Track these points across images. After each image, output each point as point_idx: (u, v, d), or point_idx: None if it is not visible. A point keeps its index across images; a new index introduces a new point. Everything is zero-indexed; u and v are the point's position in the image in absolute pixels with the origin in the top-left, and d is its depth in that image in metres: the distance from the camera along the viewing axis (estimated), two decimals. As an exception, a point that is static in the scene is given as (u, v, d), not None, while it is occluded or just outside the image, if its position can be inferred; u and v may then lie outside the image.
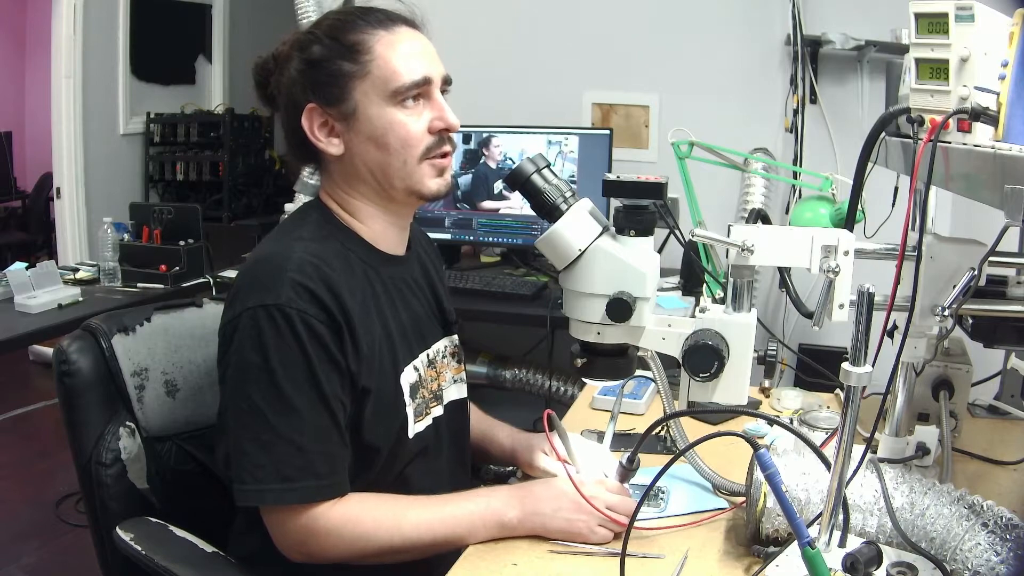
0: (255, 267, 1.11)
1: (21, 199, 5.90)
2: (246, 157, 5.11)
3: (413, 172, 1.13)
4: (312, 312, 1.04)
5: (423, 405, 1.20)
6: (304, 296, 1.04)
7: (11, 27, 6.10)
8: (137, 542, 1.14)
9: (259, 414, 1.03)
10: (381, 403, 1.12)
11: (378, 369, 1.12)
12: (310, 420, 1.04)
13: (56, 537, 2.74)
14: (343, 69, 1.10)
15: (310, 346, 1.03)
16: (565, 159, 2.80)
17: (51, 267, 2.74)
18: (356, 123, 1.11)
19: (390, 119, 1.10)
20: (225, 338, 1.09)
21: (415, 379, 1.18)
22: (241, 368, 1.05)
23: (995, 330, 1.20)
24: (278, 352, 1.03)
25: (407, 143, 1.12)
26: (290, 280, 1.04)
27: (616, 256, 1.04)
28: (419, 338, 1.22)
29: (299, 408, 1.03)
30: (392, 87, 1.10)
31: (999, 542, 0.95)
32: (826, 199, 1.70)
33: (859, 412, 0.93)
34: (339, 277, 1.08)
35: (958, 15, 0.94)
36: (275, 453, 1.03)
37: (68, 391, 1.25)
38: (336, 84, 1.10)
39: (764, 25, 2.87)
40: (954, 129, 0.97)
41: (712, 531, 1.16)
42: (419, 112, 1.12)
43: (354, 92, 1.10)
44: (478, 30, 3.11)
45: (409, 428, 1.16)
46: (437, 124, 1.14)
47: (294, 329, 1.03)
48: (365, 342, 1.09)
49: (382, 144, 1.11)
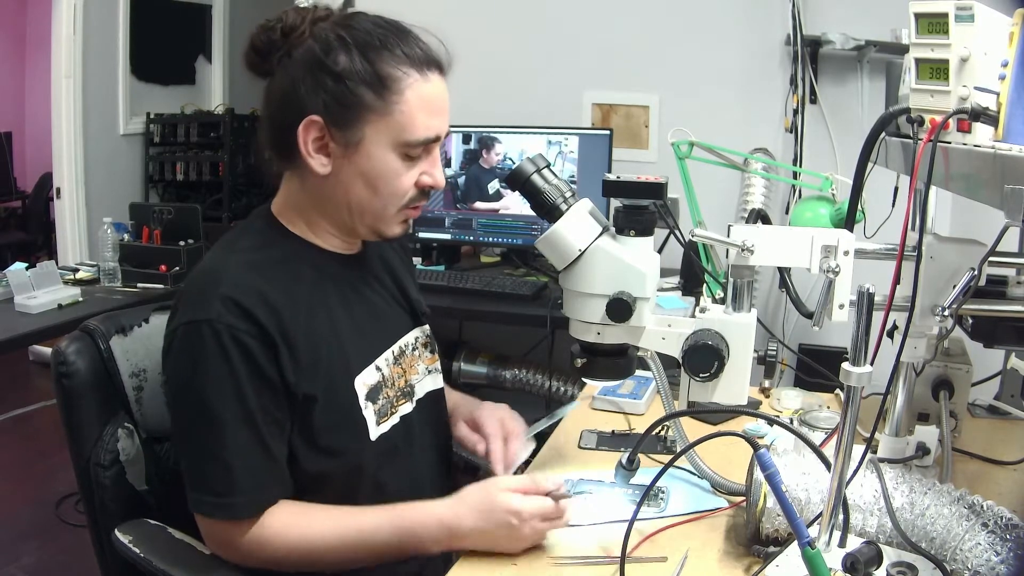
0: (192, 281, 1.12)
1: (21, 199, 5.90)
2: (246, 157, 5.10)
3: (387, 217, 1.13)
4: (242, 327, 1.03)
5: (387, 405, 1.18)
6: (234, 311, 1.03)
7: (11, 27, 6.09)
8: (136, 544, 1.13)
9: (191, 430, 1.07)
10: (331, 408, 1.11)
11: (324, 375, 1.10)
12: (236, 436, 1.04)
13: (56, 537, 2.74)
14: (364, 99, 1.05)
15: (237, 361, 1.03)
16: (565, 159, 2.80)
17: (51, 267, 2.74)
18: (355, 155, 1.08)
19: (389, 166, 1.08)
20: (164, 353, 1.11)
21: (376, 380, 1.17)
22: (175, 383, 1.09)
23: (995, 330, 1.20)
24: (206, 368, 1.03)
25: (395, 192, 1.10)
26: (220, 296, 1.04)
27: (616, 256, 1.04)
28: (382, 334, 1.21)
29: (225, 424, 1.04)
30: (404, 138, 1.07)
31: (999, 542, 0.95)
32: (826, 199, 1.70)
33: (859, 412, 0.93)
34: (277, 287, 1.07)
35: (958, 15, 0.94)
36: (205, 468, 1.06)
37: (66, 392, 1.25)
38: (351, 109, 1.05)
39: (764, 25, 2.87)
40: (954, 129, 0.97)
41: (712, 531, 1.16)
42: (415, 165, 1.11)
43: (366, 126, 1.06)
44: (478, 30, 3.11)
45: (371, 430, 1.15)
46: (425, 180, 1.12)
47: (222, 344, 1.02)
48: (306, 351, 1.08)
49: (371, 184, 1.09)
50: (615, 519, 1.18)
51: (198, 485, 1.06)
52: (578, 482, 1.29)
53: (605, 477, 1.27)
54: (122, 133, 4.70)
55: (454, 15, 3.22)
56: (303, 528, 1.08)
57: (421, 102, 1.07)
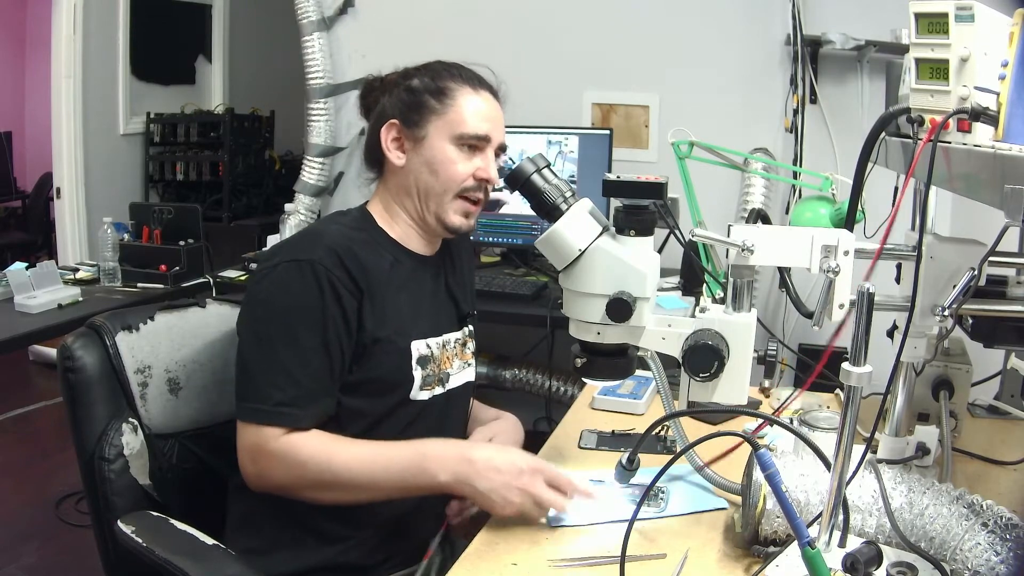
0: (295, 238, 1.36)
1: (21, 199, 5.89)
2: (246, 157, 5.10)
3: (446, 202, 1.32)
4: (337, 274, 1.22)
5: (430, 378, 1.33)
6: (333, 259, 1.22)
7: (11, 27, 6.09)
8: (138, 534, 1.15)
9: (268, 346, 1.22)
10: (391, 352, 1.28)
11: (391, 326, 1.28)
12: (311, 359, 1.20)
13: (56, 537, 2.74)
14: (428, 103, 1.31)
15: (329, 299, 1.21)
16: (565, 159, 2.80)
17: (51, 267, 2.74)
18: (421, 147, 1.32)
19: (447, 155, 1.31)
20: (254, 283, 1.28)
21: (427, 352, 1.33)
22: (265, 306, 1.24)
23: (995, 330, 1.20)
24: (300, 296, 1.21)
25: (452, 177, 1.31)
26: (324, 245, 1.24)
27: (616, 256, 1.04)
28: (434, 322, 1.37)
29: (305, 347, 1.20)
30: (458, 131, 1.30)
31: (999, 542, 0.95)
32: (826, 199, 1.70)
33: (859, 412, 0.93)
34: (366, 255, 1.27)
35: (958, 15, 0.94)
36: (275, 380, 1.20)
37: (72, 387, 1.27)
38: (418, 112, 1.32)
39: (764, 25, 2.87)
40: (954, 129, 0.97)
41: (712, 531, 1.16)
42: (471, 159, 1.32)
43: (429, 124, 1.31)
44: (478, 30, 3.11)
45: (413, 390, 1.30)
46: (480, 173, 1.32)
47: (319, 281, 1.21)
48: (380, 305, 1.27)
49: (434, 170, 1.31)
50: (615, 519, 1.18)
51: (258, 396, 1.20)
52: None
53: (605, 477, 1.28)
54: (122, 133, 4.70)
55: (454, 15, 3.22)
56: (328, 438, 1.21)
57: (471, 106, 1.32)
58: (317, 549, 1.27)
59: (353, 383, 1.26)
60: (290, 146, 5.19)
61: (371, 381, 1.27)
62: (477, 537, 1.15)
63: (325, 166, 3.41)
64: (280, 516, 1.26)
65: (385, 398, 1.29)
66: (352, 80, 3.31)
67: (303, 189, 3.42)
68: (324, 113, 3.36)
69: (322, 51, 3.33)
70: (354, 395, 1.26)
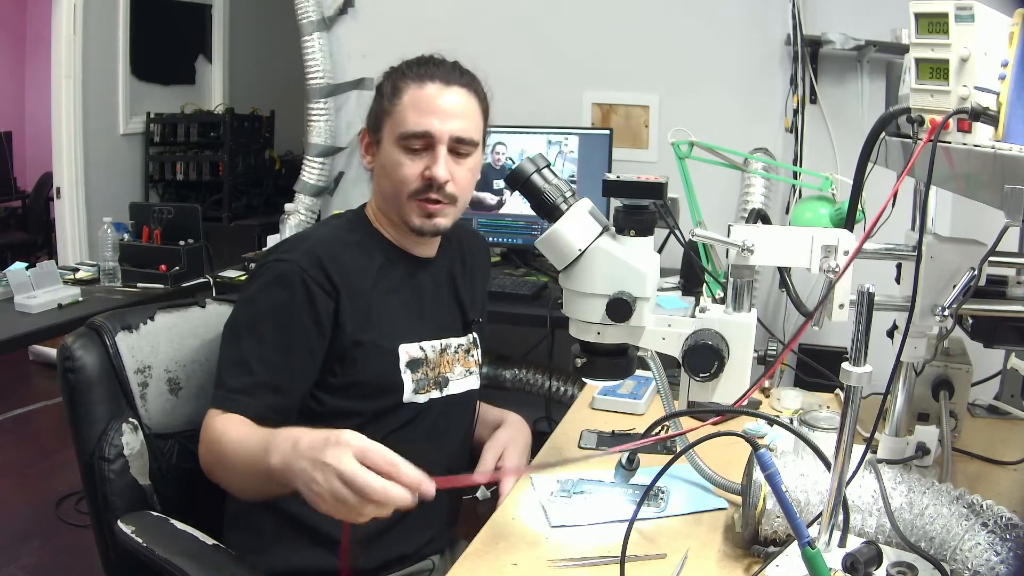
0: (288, 239, 1.40)
1: (21, 199, 5.89)
2: (246, 157, 5.10)
3: (403, 206, 1.31)
4: (312, 274, 1.23)
5: (425, 381, 1.32)
6: (311, 260, 1.24)
7: (11, 27, 6.09)
8: (138, 534, 1.15)
9: (237, 335, 1.25)
10: (376, 356, 1.28)
11: (375, 329, 1.28)
12: (269, 355, 1.21)
13: (56, 537, 2.74)
14: (383, 106, 1.32)
15: (299, 299, 1.22)
16: (565, 159, 2.80)
17: (51, 267, 2.74)
18: (380, 152, 1.33)
19: (395, 158, 1.30)
20: (246, 281, 1.34)
21: (419, 356, 1.32)
22: (244, 304, 1.28)
23: (995, 330, 1.20)
24: (272, 295, 1.24)
25: (400, 181, 1.30)
26: (306, 248, 1.27)
27: (616, 256, 1.04)
28: (432, 324, 1.36)
29: (268, 343, 1.22)
30: (398, 131, 1.29)
31: (999, 542, 0.95)
32: (826, 199, 1.70)
33: (859, 412, 0.93)
34: (351, 255, 1.29)
35: (958, 15, 0.94)
36: (235, 369, 1.21)
37: (72, 387, 1.27)
38: (377, 116, 1.33)
39: (764, 25, 2.87)
40: (954, 129, 0.97)
41: (712, 531, 1.16)
42: (417, 159, 1.29)
43: (383, 127, 1.31)
44: (478, 30, 3.11)
45: (404, 393, 1.30)
46: (426, 173, 1.29)
47: (292, 283, 1.22)
48: (363, 307, 1.27)
49: (387, 174, 1.31)
50: (615, 519, 1.18)
51: (218, 383, 1.23)
52: (578, 482, 1.29)
53: (605, 477, 1.27)
54: (122, 133, 4.70)
55: (454, 15, 3.22)
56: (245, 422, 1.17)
57: (413, 103, 1.28)
58: (312, 549, 1.26)
59: (340, 385, 1.26)
60: (290, 146, 5.19)
61: (357, 384, 1.27)
62: (477, 537, 1.15)
63: (325, 166, 3.41)
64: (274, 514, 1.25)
65: (375, 400, 1.29)
66: (352, 80, 3.32)
67: (303, 189, 3.42)
68: (324, 113, 3.36)
69: (322, 51, 3.33)
70: (344, 397, 1.27)
